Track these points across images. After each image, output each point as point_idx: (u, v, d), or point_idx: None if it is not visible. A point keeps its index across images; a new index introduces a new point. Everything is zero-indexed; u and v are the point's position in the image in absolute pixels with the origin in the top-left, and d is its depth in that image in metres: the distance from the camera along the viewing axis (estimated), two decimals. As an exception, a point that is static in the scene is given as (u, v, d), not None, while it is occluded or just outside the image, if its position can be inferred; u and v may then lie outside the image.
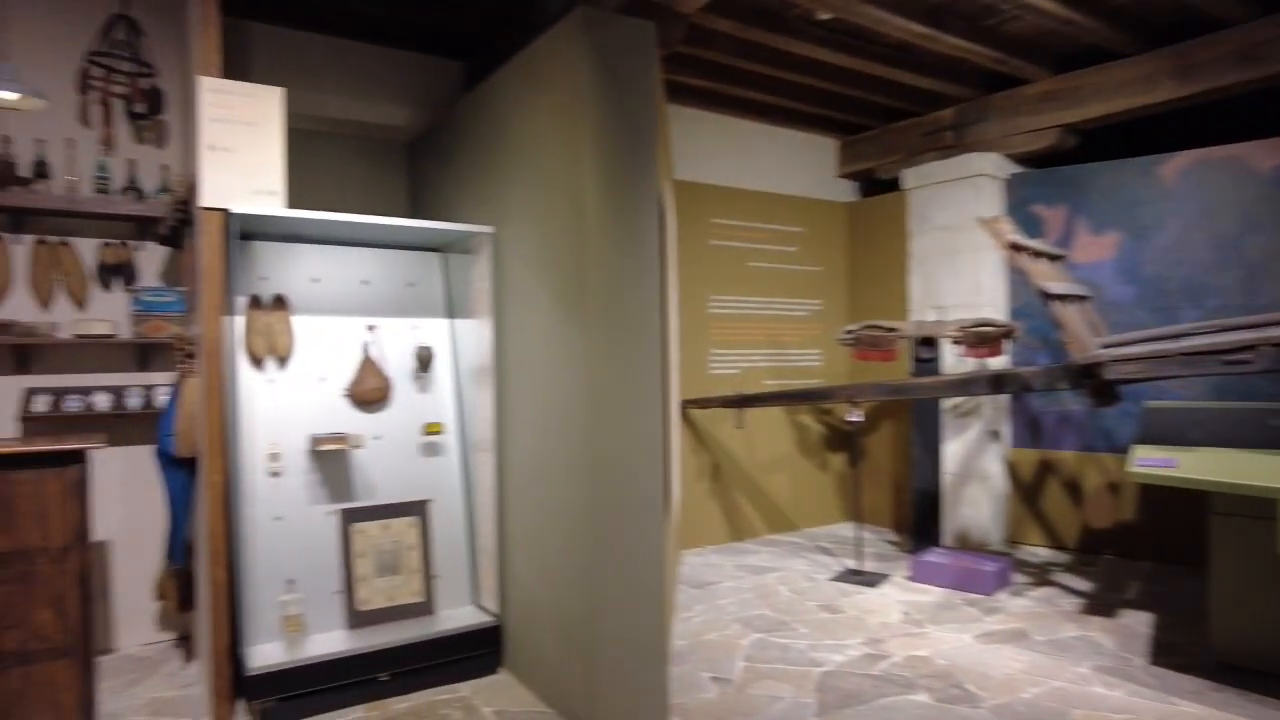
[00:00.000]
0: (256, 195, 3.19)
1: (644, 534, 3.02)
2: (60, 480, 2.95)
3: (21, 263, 3.76)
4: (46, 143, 3.76)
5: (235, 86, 3.16)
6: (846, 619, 4.24)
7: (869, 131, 6.50)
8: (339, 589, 3.51)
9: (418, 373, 3.88)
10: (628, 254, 3.03)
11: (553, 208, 3.18)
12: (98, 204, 3.77)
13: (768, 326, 6.31)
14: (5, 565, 2.87)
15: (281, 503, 3.48)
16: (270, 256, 3.68)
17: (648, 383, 3.03)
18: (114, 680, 3.54)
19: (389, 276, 3.94)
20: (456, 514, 3.87)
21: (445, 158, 4.33)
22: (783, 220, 6.38)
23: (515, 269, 3.51)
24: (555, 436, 3.19)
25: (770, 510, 6.28)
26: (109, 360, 3.93)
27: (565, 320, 3.09)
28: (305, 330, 3.67)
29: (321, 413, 3.64)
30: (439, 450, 3.88)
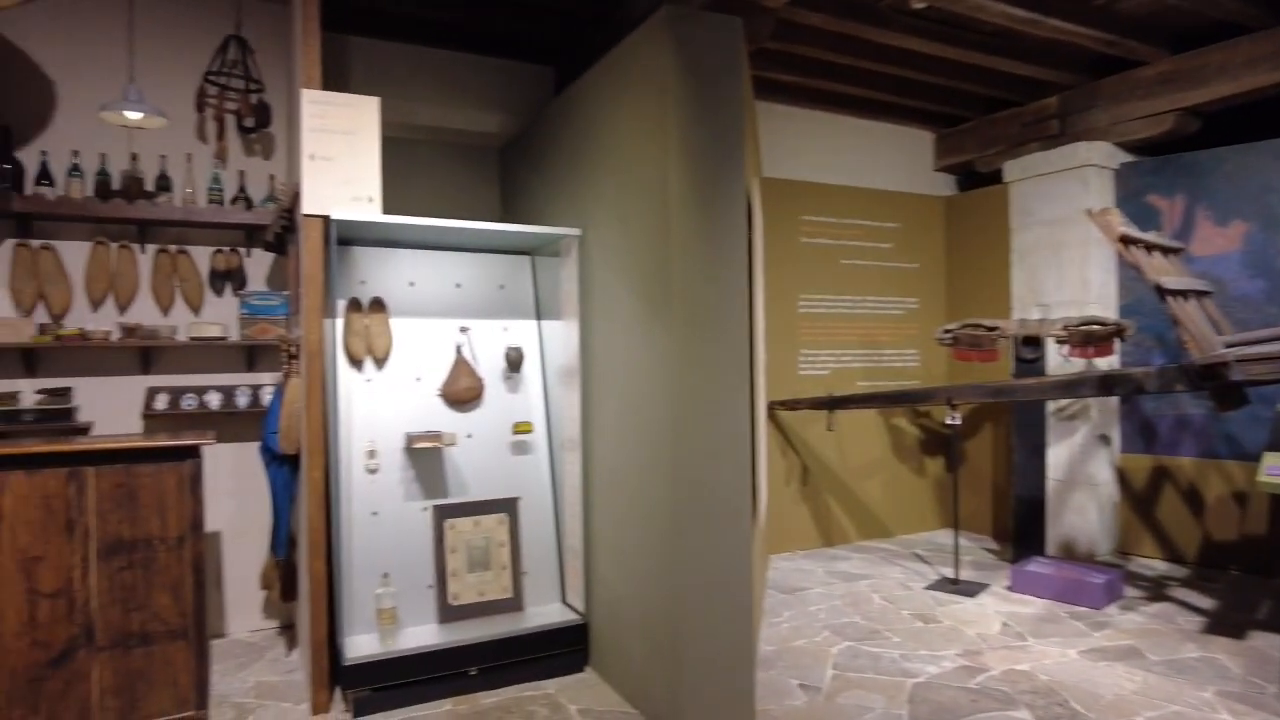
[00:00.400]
0: (355, 202, 3.31)
1: (730, 537, 2.98)
2: (177, 473, 3.14)
3: (146, 270, 4.03)
4: (167, 158, 4.01)
5: (334, 98, 3.29)
6: (942, 629, 4.08)
7: (967, 123, 6.25)
8: (431, 583, 3.61)
9: (508, 373, 3.95)
10: (713, 253, 3.00)
11: (637, 209, 3.18)
12: (212, 214, 4.00)
13: (861, 326, 6.15)
14: (130, 551, 3.07)
15: (378, 498, 3.60)
16: (369, 261, 3.81)
17: (734, 384, 2.98)
18: (224, 663, 3.74)
19: (481, 279, 4.03)
20: (544, 512, 3.92)
21: (535, 162, 4.40)
22: (877, 216, 6.20)
23: (601, 270, 3.53)
24: (639, 437, 3.18)
25: (863, 515, 6.11)
26: (220, 361, 4.16)
27: (650, 321, 3.08)
28: (401, 332, 3.79)
29: (416, 412, 3.75)
30: (528, 449, 3.94)
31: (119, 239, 3.96)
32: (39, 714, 2.93)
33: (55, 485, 2.97)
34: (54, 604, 2.96)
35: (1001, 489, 6.00)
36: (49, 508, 2.96)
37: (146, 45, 3.94)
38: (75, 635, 2.99)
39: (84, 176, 3.84)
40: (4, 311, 3.80)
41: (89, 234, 3.92)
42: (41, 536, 2.95)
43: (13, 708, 2.90)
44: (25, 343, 3.70)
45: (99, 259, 3.92)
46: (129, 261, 3.97)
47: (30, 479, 2.94)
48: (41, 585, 2.95)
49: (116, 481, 3.05)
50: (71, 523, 2.99)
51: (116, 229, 3.96)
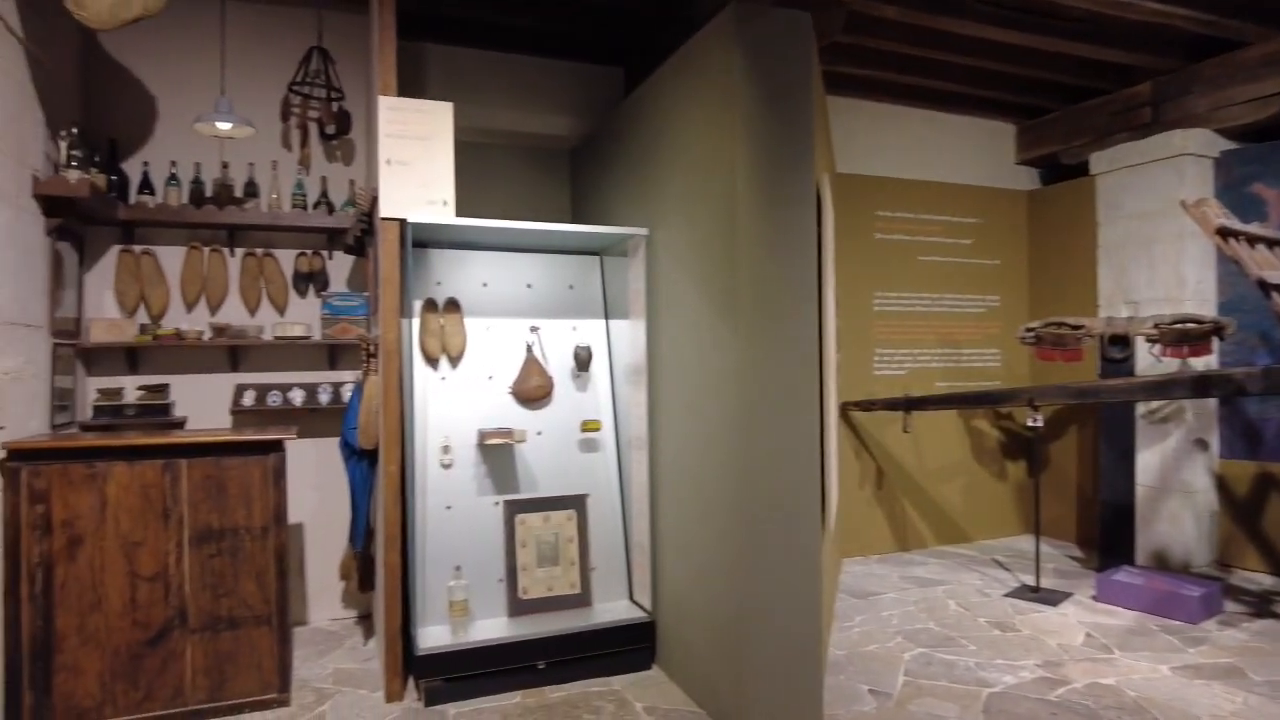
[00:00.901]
0: (429, 205, 3.40)
1: (799, 538, 2.94)
2: (261, 466, 3.29)
3: (235, 273, 4.23)
4: (255, 165, 4.20)
5: (410, 104, 3.38)
6: (1021, 638, 3.93)
7: (1051, 114, 6.01)
8: (501, 577, 3.68)
9: (576, 372, 4.00)
10: (781, 252, 2.97)
11: (704, 208, 3.18)
12: (295, 218, 4.17)
13: (939, 324, 5.98)
14: (219, 540, 3.23)
15: (451, 493, 3.69)
16: (444, 263, 3.91)
17: (803, 383, 2.95)
18: (306, 650, 3.89)
19: (551, 279, 4.09)
20: (612, 509, 3.95)
21: (604, 163, 4.44)
22: (955, 211, 6.03)
23: (668, 270, 3.53)
24: (706, 435, 3.18)
25: (940, 520, 5.94)
26: (304, 359, 4.33)
27: (717, 320, 3.07)
28: (475, 331, 3.88)
29: (488, 409, 3.83)
30: (596, 446, 3.98)
31: (211, 243, 4.17)
32: (139, 689, 3.11)
33: (152, 475, 3.15)
34: (152, 587, 3.14)
35: (1087, 494, 5.75)
36: (147, 496, 3.14)
37: (237, 60, 4.13)
38: (170, 617, 3.16)
39: (180, 185, 4.06)
40: (110, 313, 4.04)
41: (184, 239, 4.14)
42: (140, 523, 3.13)
43: (116, 682, 3.08)
44: (128, 342, 3.94)
45: (193, 263, 4.13)
46: (220, 265, 4.18)
47: (131, 469, 3.12)
48: (141, 569, 3.13)
49: (206, 473, 3.21)
50: (167, 511, 3.16)
51: (209, 234, 4.17)
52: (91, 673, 3.06)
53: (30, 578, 3.00)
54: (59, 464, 3.04)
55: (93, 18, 3.05)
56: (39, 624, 3.00)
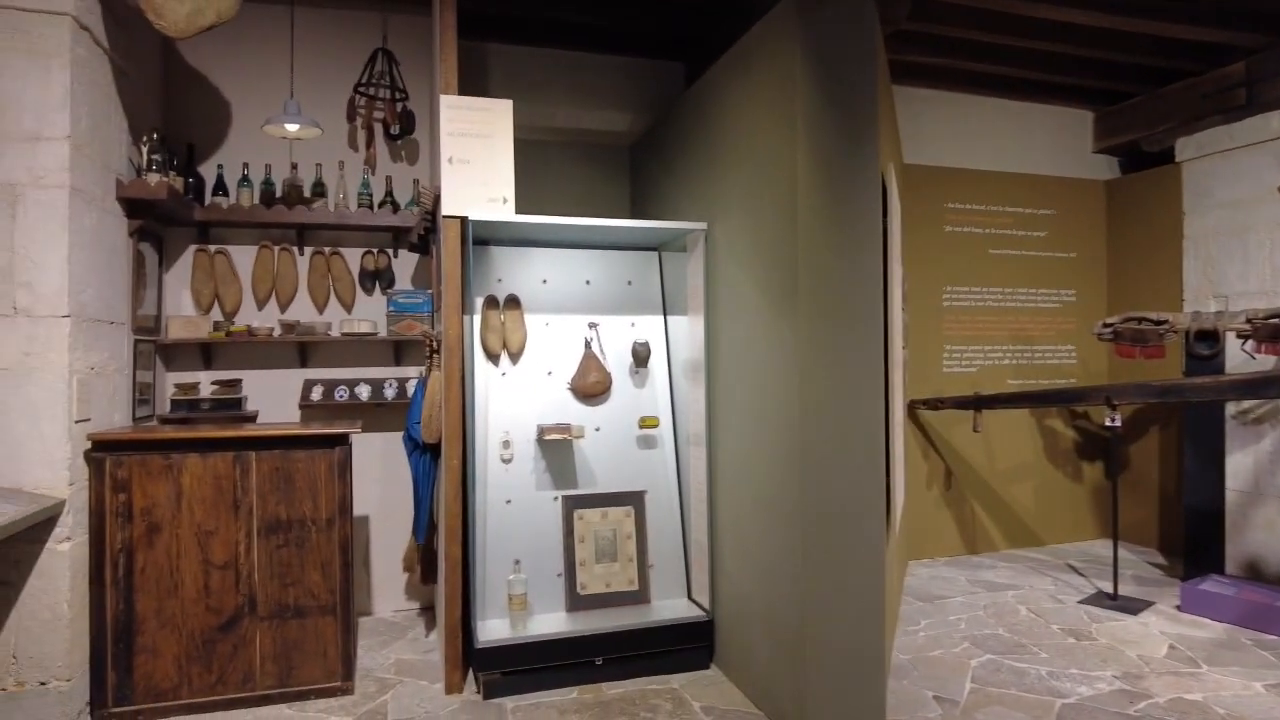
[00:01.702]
0: (490, 203, 3.43)
1: (863, 540, 2.86)
2: (327, 460, 3.37)
3: (304, 271, 4.35)
4: (322, 166, 4.31)
5: (471, 102, 3.42)
6: (1097, 647, 3.76)
7: (1132, 99, 5.73)
8: (560, 572, 3.69)
9: (635, 368, 3.98)
10: (844, 246, 2.89)
11: (764, 201, 3.12)
12: (361, 217, 4.26)
13: (1011, 320, 5.78)
14: (286, 530, 3.32)
15: (511, 487, 3.72)
16: (505, 260, 3.95)
17: (867, 381, 2.87)
18: (370, 639, 3.98)
19: (609, 276, 4.08)
20: (670, 506, 3.92)
21: (663, 157, 4.41)
22: (1029, 202, 5.81)
23: (727, 265, 3.49)
24: (766, 432, 3.12)
25: (1011, 522, 5.74)
26: (370, 355, 4.43)
27: (777, 315, 3.01)
28: (534, 327, 3.90)
29: (548, 404, 3.84)
30: (654, 443, 3.96)
31: (281, 243, 4.29)
32: (212, 672, 3.22)
33: (224, 467, 3.26)
34: (224, 574, 3.25)
35: (1170, 498, 5.48)
36: (219, 487, 3.25)
37: (305, 63, 4.24)
38: (241, 604, 3.26)
39: (252, 186, 4.19)
40: (186, 310, 4.20)
41: (255, 239, 4.27)
42: (213, 513, 3.24)
43: (191, 664, 3.20)
44: (203, 338, 4.08)
45: (264, 261, 4.26)
46: (289, 263, 4.30)
47: (204, 460, 3.24)
48: (214, 557, 3.24)
49: (274, 466, 3.31)
50: (237, 502, 3.27)
51: (279, 233, 4.30)
52: (169, 655, 3.19)
53: (113, 563, 3.14)
54: (138, 455, 3.17)
55: (170, 26, 3.16)
56: (121, 607, 3.14)
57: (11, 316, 2.95)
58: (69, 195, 3.01)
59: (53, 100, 2.99)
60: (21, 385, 2.95)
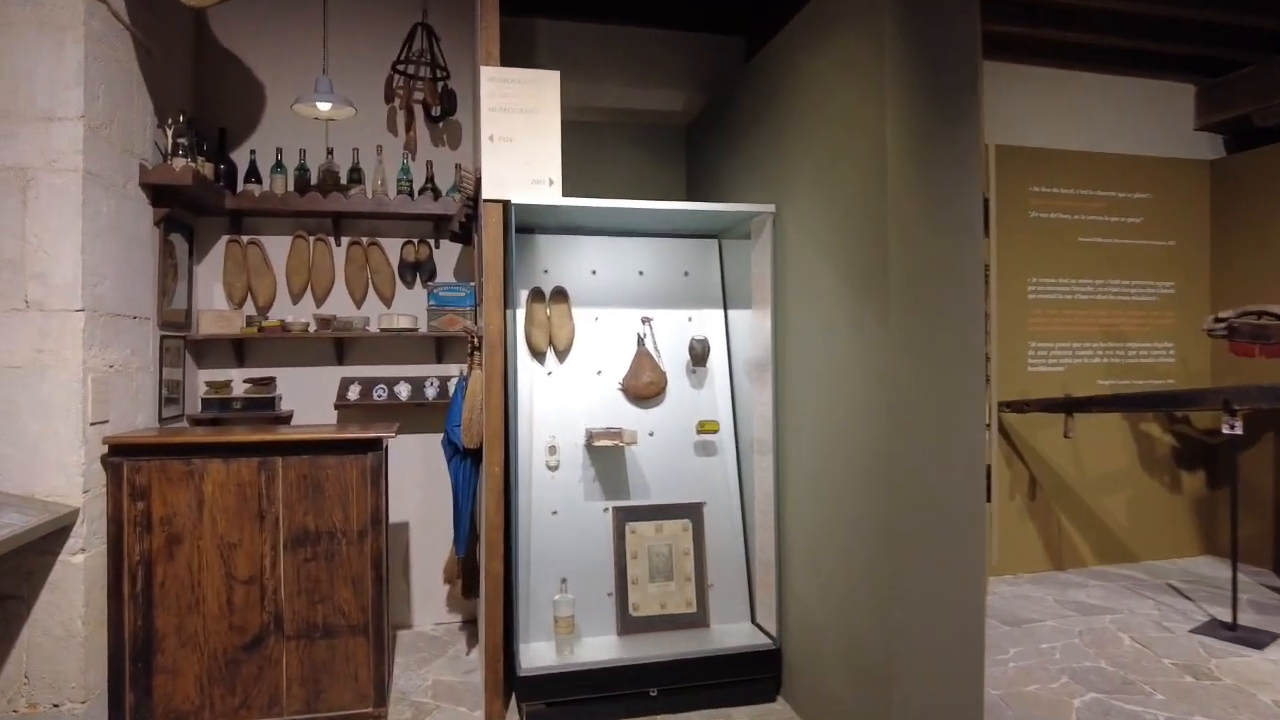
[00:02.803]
0: (535, 185, 3.12)
1: (960, 567, 2.48)
2: (359, 466, 3.09)
3: (341, 263, 4.10)
4: (359, 150, 4.05)
5: (513, 74, 3.11)
6: (1221, 689, 3.30)
7: (1242, 69, 5.17)
8: (611, 591, 3.37)
9: (692, 367, 3.64)
10: (943, 226, 2.50)
11: (844, 176, 2.74)
12: (400, 205, 3.99)
13: (1103, 314, 5.27)
14: (314, 543, 3.06)
15: (558, 497, 3.41)
16: (551, 249, 3.64)
17: (967, 382, 2.48)
18: (408, 656, 3.71)
19: (664, 266, 3.75)
20: (732, 520, 3.57)
21: (723, 137, 4.05)
22: (1123, 185, 5.29)
23: (798, 251, 3.11)
24: (844, 440, 2.75)
25: (1101, 536, 5.24)
26: (410, 352, 4.16)
27: (859, 307, 2.64)
28: (583, 322, 3.58)
29: (597, 406, 3.53)
30: (713, 450, 3.61)
31: (316, 233, 4.04)
32: (235, 695, 2.98)
33: (248, 474, 3.01)
34: (248, 590, 3.00)
35: (1289, 513, 4.93)
36: (243, 495, 3.00)
37: (340, 40, 3.98)
38: (266, 623, 3.01)
39: (286, 172, 3.95)
40: (219, 304, 3.98)
41: (290, 229, 4.03)
42: (237, 523, 3.00)
43: (214, 686, 2.96)
44: (235, 334, 3.86)
45: (298, 252, 4.02)
46: (325, 254, 4.05)
47: (227, 467, 2.99)
48: (237, 571, 2.99)
49: (302, 472, 3.05)
50: (262, 512, 3.01)
51: (314, 223, 4.05)
52: (190, 675, 2.95)
53: (132, 576, 2.91)
54: (158, 460, 2.94)
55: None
56: (139, 624, 2.91)
57: (23, 311, 2.74)
58: (83, 179, 2.78)
59: (66, 77, 2.77)
60: (34, 385, 2.74)
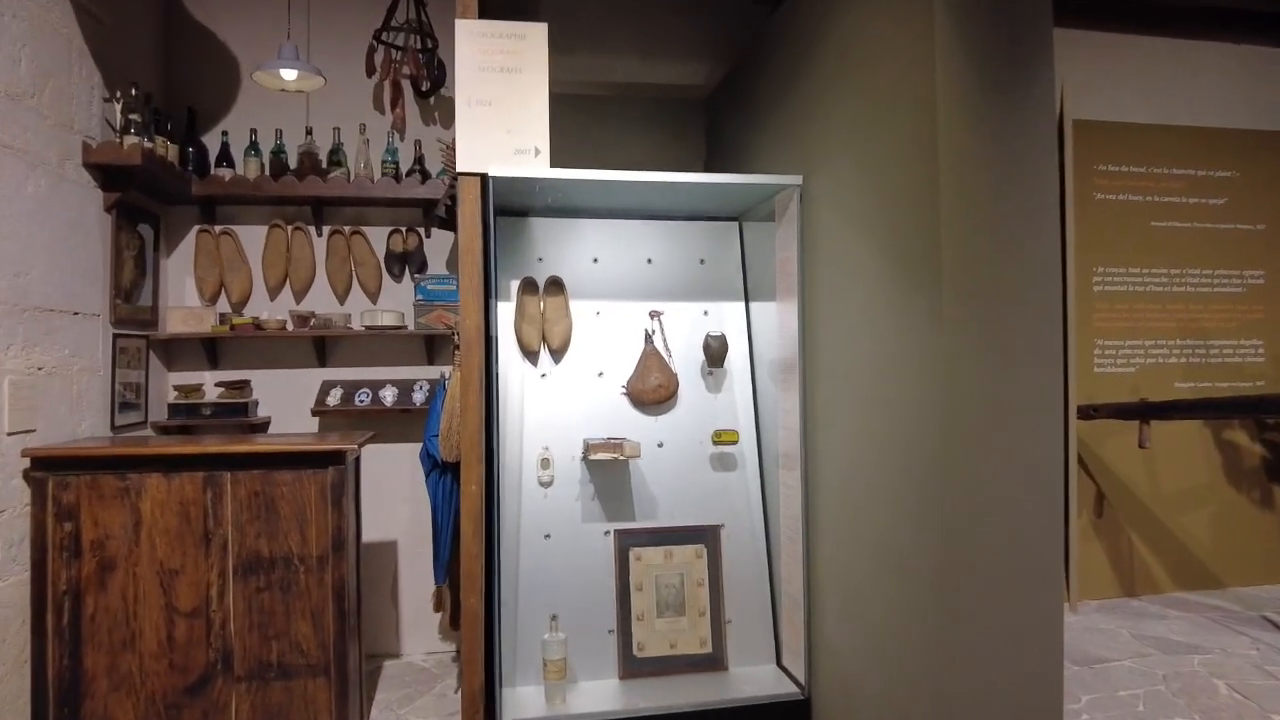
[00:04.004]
0: (518, 156, 2.68)
1: (1033, 611, 1.98)
2: (318, 482, 2.69)
3: (322, 254, 3.72)
4: (340, 130, 3.66)
5: (493, 27, 2.67)
6: (1351, 755, 2.73)
7: (1345, 28, 4.56)
8: (612, 628, 2.91)
9: (708, 368, 3.17)
10: (1007, 200, 2.01)
11: (885, 138, 2.26)
12: (386, 189, 3.59)
13: (1180, 308, 4.68)
14: (268, 570, 2.66)
15: (551, 518, 2.97)
16: (546, 234, 3.20)
17: (1042, 385, 1.98)
18: (390, 693, 3.30)
19: (676, 253, 3.28)
20: (754, 546, 3.09)
21: (745, 107, 3.57)
22: (1203, 162, 4.70)
23: (831, 231, 2.63)
24: (888, 456, 2.26)
25: (1181, 559, 4.64)
26: (399, 353, 3.76)
27: (907, 297, 2.15)
28: (581, 317, 3.14)
29: (597, 413, 3.08)
30: (732, 464, 3.13)
31: (294, 221, 3.67)
32: (179, 747, 2.59)
33: (192, 491, 2.62)
34: (191, 624, 2.61)
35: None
36: (186, 515, 2.62)
37: (322, 10, 3.63)
38: (213, 662, 2.62)
39: (260, 155, 3.58)
40: (191, 301, 3.63)
41: (266, 217, 3.66)
42: (179, 548, 2.61)
43: (156, 736, 2.58)
44: (205, 333, 3.50)
45: (275, 243, 3.65)
46: (304, 245, 3.68)
47: (168, 482, 2.61)
48: (179, 602, 2.61)
49: (253, 489, 2.65)
50: (208, 534, 2.62)
51: (293, 211, 3.68)
52: (125, 724, 2.57)
53: (57, 608, 2.54)
54: (88, 475, 2.56)
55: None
56: (65, 663, 2.53)
57: (-71, 304, 2.39)
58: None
59: (-23, 36, 2.41)
60: (-60, 389, 2.38)
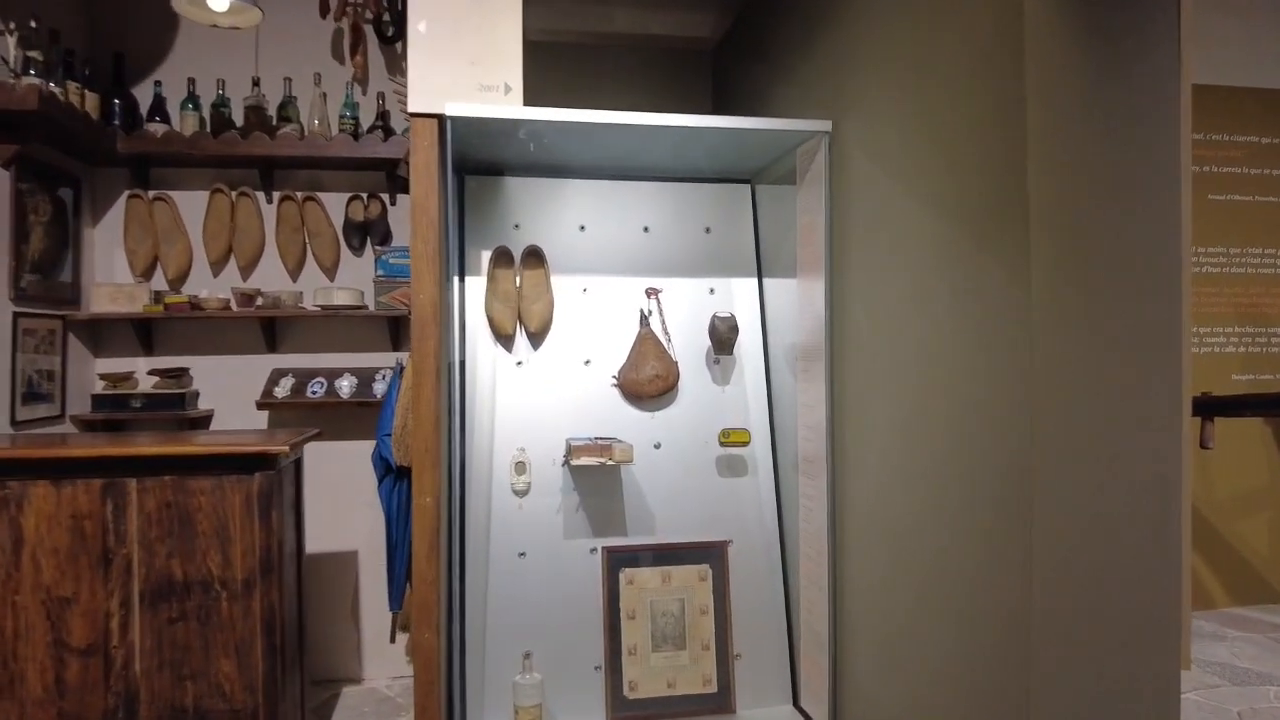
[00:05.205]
0: (485, 93, 2.21)
1: (1143, 674, 1.51)
2: (243, 491, 2.22)
3: (272, 224, 3.25)
4: (293, 80, 3.19)
5: (454, -64, 2.19)
6: None
7: None
8: (599, 663, 2.45)
9: (715, 355, 2.69)
10: (1120, 137, 1.53)
11: (945, 62, 1.78)
12: (342, 147, 3.12)
13: (1238, 291, 4.21)
14: (183, 597, 2.20)
15: (527, 533, 2.50)
16: (524, 197, 2.73)
17: (1159, 379, 1.51)
18: (343, 734, 2.86)
19: (679, 220, 2.81)
20: (767, 566, 2.62)
21: (757, 52, 3.08)
22: (1269, 128, 4.21)
23: (869, 184, 2.15)
24: (946, 463, 1.78)
25: (1238, 570, 4.18)
26: (358, 337, 3.30)
27: (977, 261, 1.67)
28: (566, 295, 2.67)
29: (584, 409, 2.61)
30: (742, 468, 2.66)
31: (240, 186, 3.20)
32: (76, 809, 2.14)
33: (88, 502, 2.16)
34: (86, 664, 2.15)
35: None
36: (80, 532, 2.16)
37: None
38: (114, 708, 2.17)
39: (200, 109, 3.11)
40: (120, 276, 3.17)
41: (209, 181, 3.19)
42: (71, 571, 2.15)
43: (51, 794, 2.13)
44: (135, 313, 3.04)
45: (218, 210, 3.18)
46: (251, 213, 3.21)
47: (58, 492, 2.14)
48: (71, 637, 2.15)
49: (164, 500, 2.19)
50: (108, 554, 2.16)
51: (239, 174, 3.21)
52: (7, 783, 2.12)
53: (-80, 645, 2.09)
54: (-43, 482, 2.10)
55: None
56: (-70, 712, 2.09)
57: None
58: None
59: None
60: None
